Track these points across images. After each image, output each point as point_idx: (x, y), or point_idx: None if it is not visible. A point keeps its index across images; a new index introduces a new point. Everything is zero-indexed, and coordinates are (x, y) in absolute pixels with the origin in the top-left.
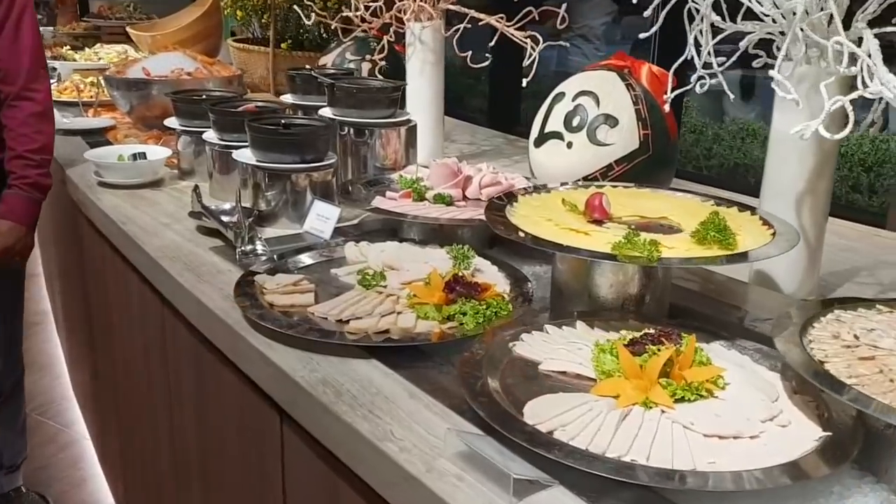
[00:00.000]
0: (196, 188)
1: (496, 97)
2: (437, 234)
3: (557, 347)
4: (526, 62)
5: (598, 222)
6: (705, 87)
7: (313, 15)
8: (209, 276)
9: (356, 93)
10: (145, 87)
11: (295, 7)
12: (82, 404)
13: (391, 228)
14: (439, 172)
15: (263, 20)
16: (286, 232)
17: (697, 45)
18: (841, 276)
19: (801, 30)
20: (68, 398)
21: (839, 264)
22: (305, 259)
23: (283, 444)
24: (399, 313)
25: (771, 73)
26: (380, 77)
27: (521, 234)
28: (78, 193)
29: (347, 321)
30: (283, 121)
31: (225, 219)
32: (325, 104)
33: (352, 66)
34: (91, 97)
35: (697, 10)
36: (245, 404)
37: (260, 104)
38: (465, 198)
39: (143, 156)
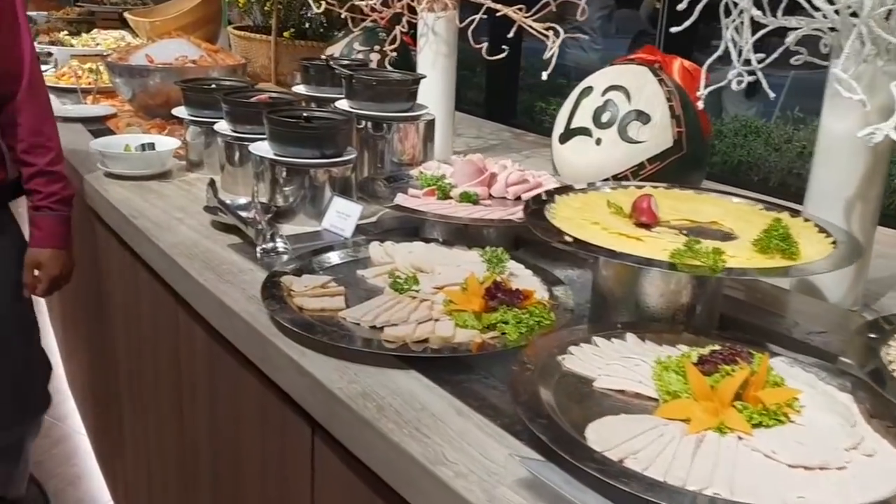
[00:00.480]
0: (212, 182)
1: (493, 89)
2: (461, 234)
3: (611, 363)
4: (547, 54)
5: (647, 226)
6: (743, 85)
7: (323, 3)
8: (230, 275)
9: (375, 85)
10: (148, 74)
11: None
12: (78, 399)
13: (412, 227)
14: (464, 170)
15: (266, 8)
16: (304, 229)
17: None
18: (882, 285)
19: (865, 26)
20: (62, 391)
21: (877, 271)
22: (329, 259)
23: (313, 458)
24: (436, 321)
25: (834, 71)
26: (390, 68)
27: (568, 239)
28: (83, 184)
29: (382, 328)
30: (304, 114)
31: (242, 214)
32: (340, 96)
33: (360, 56)
34: (90, 84)
35: (735, 4)
36: (270, 413)
37: (274, 95)
38: (490, 196)
39: (151, 146)
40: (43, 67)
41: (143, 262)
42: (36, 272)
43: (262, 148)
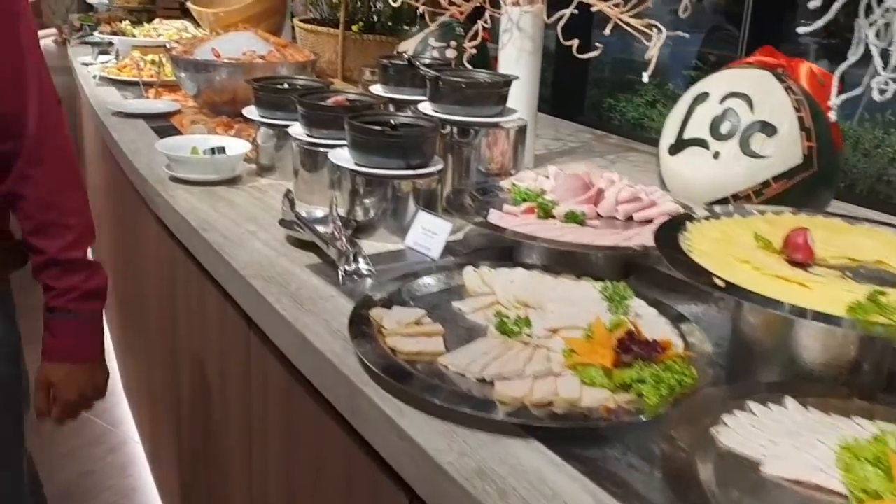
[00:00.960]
0: (289, 193)
1: (559, 84)
2: (564, 258)
3: (777, 440)
4: (648, 54)
5: (802, 265)
6: (887, 95)
7: None
8: (310, 302)
9: (464, 88)
10: (215, 69)
11: None
12: (133, 404)
13: (504, 247)
14: (568, 185)
15: (334, 0)
16: (386, 246)
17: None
18: None
19: None
20: (116, 393)
21: None
22: (420, 287)
23: None
24: (557, 376)
25: None
26: (470, 67)
27: (720, 284)
28: (146, 187)
29: (492, 382)
30: (391, 120)
31: (320, 229)
32: (422, 98)
33: (435, 53)
34: (152, 76)
35: (881, 2)
36: (357, 472)
37: (352, 97)
38: (598, 215)
39: (221, 150)
40: (104, 58)
41: (213, 279)
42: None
43: (342, 156)
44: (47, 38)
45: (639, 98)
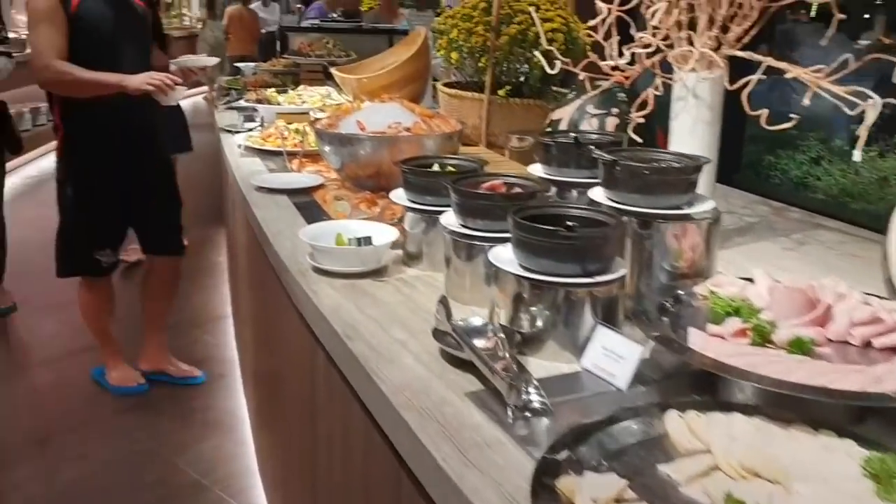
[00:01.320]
0: (444, 301)
1: None
2: (785, 397)
3: None
4: (862, 130)
5: None
6: None
7: (558, 63)
8: (475, 450)
9: (648, 174)
10: (359, 143)
11: (534, 52)
12: (268, 485)
13: (703, 374)
14: (789, 301)
15: (480, 64)
16: (557, 366)
17: None
18: None
19: None
20: (252, 471)
21: None
22: (611, 438)
23: None
24: None
25: None
26: (632, 136)
27: None
28: (288, 277)
29: None
30: (563, 215)
31: (479, 343)
32: (589, 180)
33: (594, 121)
34: (295, 146)
35: None
36: None
37: (510, 180)
38: (827, 340)
39: (367, 240)
40: (249, 125)
41: (358, 398)
42: None
43: (504, 256)
44: (198, 96)
45: (801, 154)
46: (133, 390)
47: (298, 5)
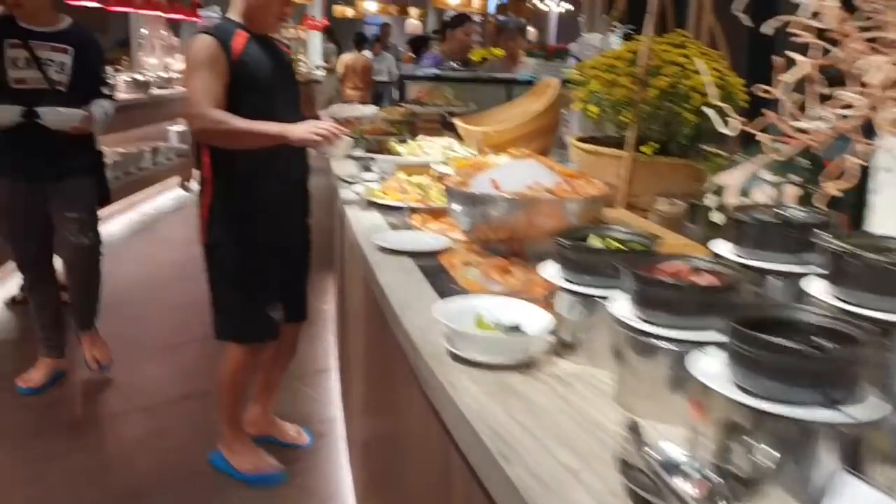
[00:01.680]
0: (634, 427)
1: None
2: None
3: None
4: None
5: None
6: None
7: (733, 120)
8: None
9: (891, 268)
10: (494, 204)
11: (704, 110)
12: None
13: None
14: None
15: (621, 117)
16: None
17: None
18: None
19: None
20: None
21: None
22: None
23: None
24: None
25: None
26: (824, 209)
27: None
28: (419, 361)
29: None
30: (799, 328)
31: (680, 486)
32: (794, 268)
33: (768, 189)
34: (417, 201)
35: None
36: None
37: (699, 265)
38: None
39: (516, 328)
40: (368, 175)
41: None
42: None
43: (706, 369)
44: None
45: None
46: (269, 479)
47: (410, 54)
